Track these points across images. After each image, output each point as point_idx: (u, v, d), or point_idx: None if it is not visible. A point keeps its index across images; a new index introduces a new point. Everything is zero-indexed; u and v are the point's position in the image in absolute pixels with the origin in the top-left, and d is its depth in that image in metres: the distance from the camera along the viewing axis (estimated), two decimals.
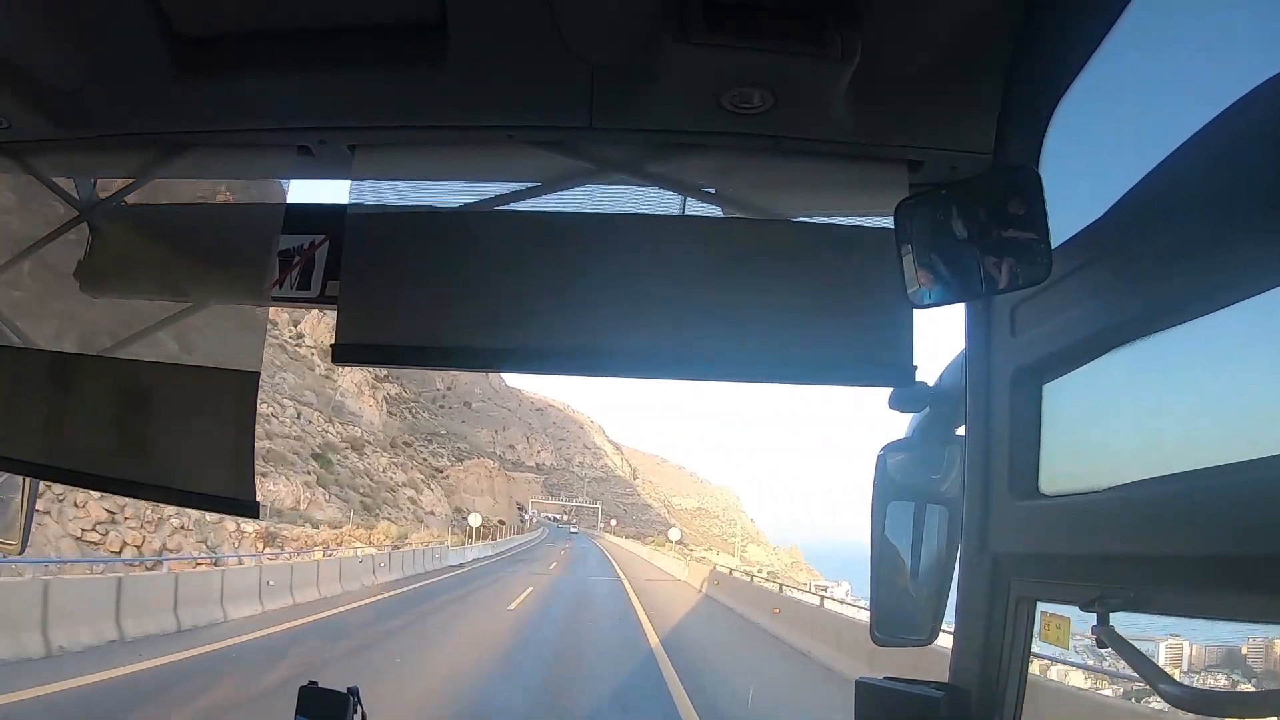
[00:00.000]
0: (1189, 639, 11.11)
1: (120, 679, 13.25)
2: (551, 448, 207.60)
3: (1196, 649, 11.67)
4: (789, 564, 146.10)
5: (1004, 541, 1.93)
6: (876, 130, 2.09)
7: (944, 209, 1.74)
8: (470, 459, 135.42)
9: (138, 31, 2.09)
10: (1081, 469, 1.82)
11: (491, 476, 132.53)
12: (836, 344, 2.20)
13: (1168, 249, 1.46)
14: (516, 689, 15.14)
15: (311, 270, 2.51)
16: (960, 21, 1.81)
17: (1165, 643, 11.98)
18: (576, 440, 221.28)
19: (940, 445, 2.32)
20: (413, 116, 2.29)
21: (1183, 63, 1.58)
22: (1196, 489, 1.33)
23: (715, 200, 2.44)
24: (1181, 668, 11.68)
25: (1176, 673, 10.20)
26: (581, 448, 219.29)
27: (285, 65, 2.15)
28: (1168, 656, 12.38)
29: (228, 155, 2.60)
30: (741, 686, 16.21)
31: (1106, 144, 1.84)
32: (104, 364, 2.74)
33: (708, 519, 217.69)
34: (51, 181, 2.79)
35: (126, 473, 2.58)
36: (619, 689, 16.16)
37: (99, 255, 2.87)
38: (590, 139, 2.29)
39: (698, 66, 1.85)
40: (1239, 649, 10.84)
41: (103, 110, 2.40)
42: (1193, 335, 1.42)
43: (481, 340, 2.32)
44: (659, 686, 16.29)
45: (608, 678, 17.17)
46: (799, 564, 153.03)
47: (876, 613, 2.47)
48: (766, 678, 18.23)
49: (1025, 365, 1.87)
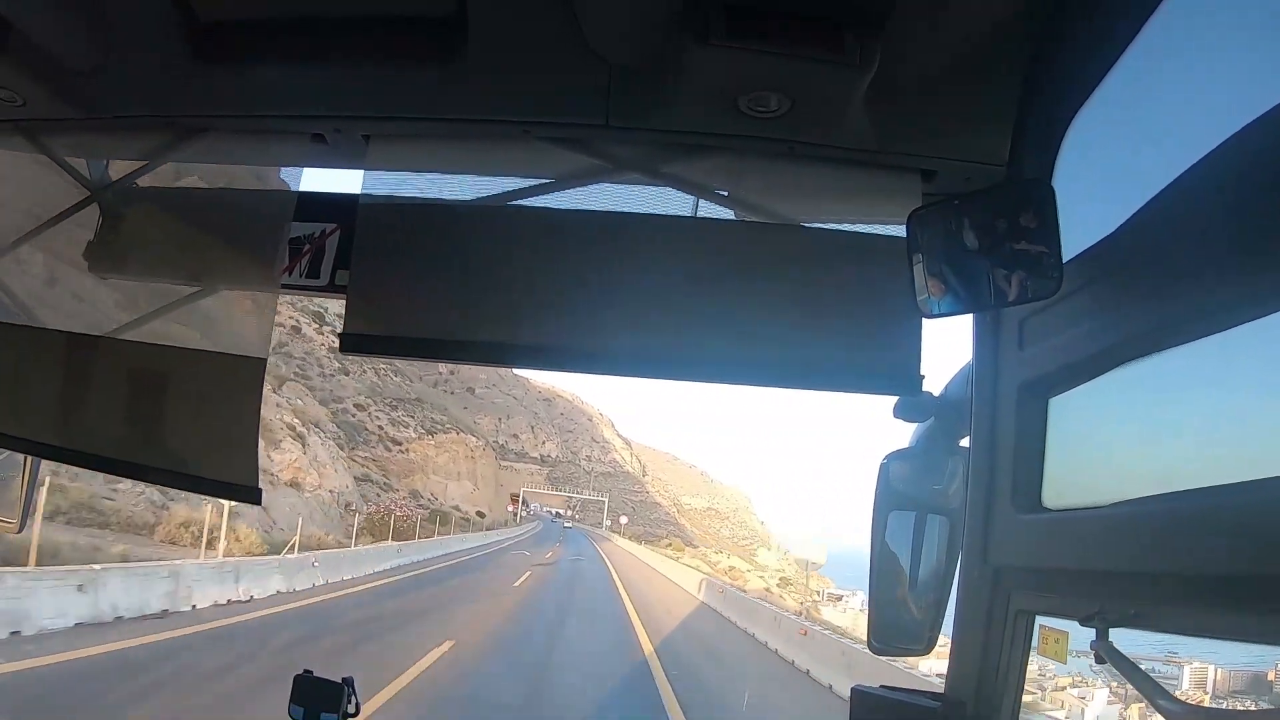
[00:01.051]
0: (1214, 662, 10.96)
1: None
2: (558, 439, 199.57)
3: (1222, 673, 11.58)
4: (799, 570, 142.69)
5: (1005, 554, 1.93)
6: (892, 138, 2.09)
7: (956, 219, 1.74)
8: (445, 433, 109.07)
9: (156, 15, 2.10)
10: (1085, 484, 1.82)
11: (474, 458, 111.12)
12: (844, 350, 2.20)
13: (1178, 267, 1.46)
14: None
15: (321, 258, 2.51)
16: (978, 33, 1.81)
17: (1190, 665, 11.85)
18: (585, 433, 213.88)
19: (944, 455, 2.33)
20: (429, 109, 2.29)
21: (1199, 78, 1.58)
22: (1201, 507, 1.32)
23: (728, 203, 2.44)
24: (1207, 691, 11.55)
25: (1205, 698, 10.05)
26: (589, 440, 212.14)
27: (302, 53, 2.16)
28: (1192, 680, 12.27)
29: (241, 141, 2.60)
30: None
31: (1121, 159, 1.84)
32: (111, 345, 2.74)
33: (718, 519, 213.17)
34: (64, 161, 2.80)
35: (129, 455, 2.59)
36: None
37: (108, 236, 2.87)
38: (606, 137, 2.29)
39: (716, 69, 1.85)
40: (1265, 675, 10.78)
41: (117, 92, 2.40)
42: (1200, 354, 1.42)
43: (490, 335, 2.32)
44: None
45: None
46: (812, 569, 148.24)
47: (874, 621, 2.47)
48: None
49: (1032, 378, 1.87)
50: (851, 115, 1.95)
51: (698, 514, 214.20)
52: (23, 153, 2.72)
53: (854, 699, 2.23)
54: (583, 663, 19.99)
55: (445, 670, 16.26)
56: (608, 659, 21.32)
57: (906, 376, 2.18)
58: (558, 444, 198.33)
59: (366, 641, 17.54)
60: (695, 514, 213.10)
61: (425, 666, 16.05)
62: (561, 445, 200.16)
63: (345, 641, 17.21)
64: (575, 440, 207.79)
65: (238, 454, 2.41)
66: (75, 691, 11.31)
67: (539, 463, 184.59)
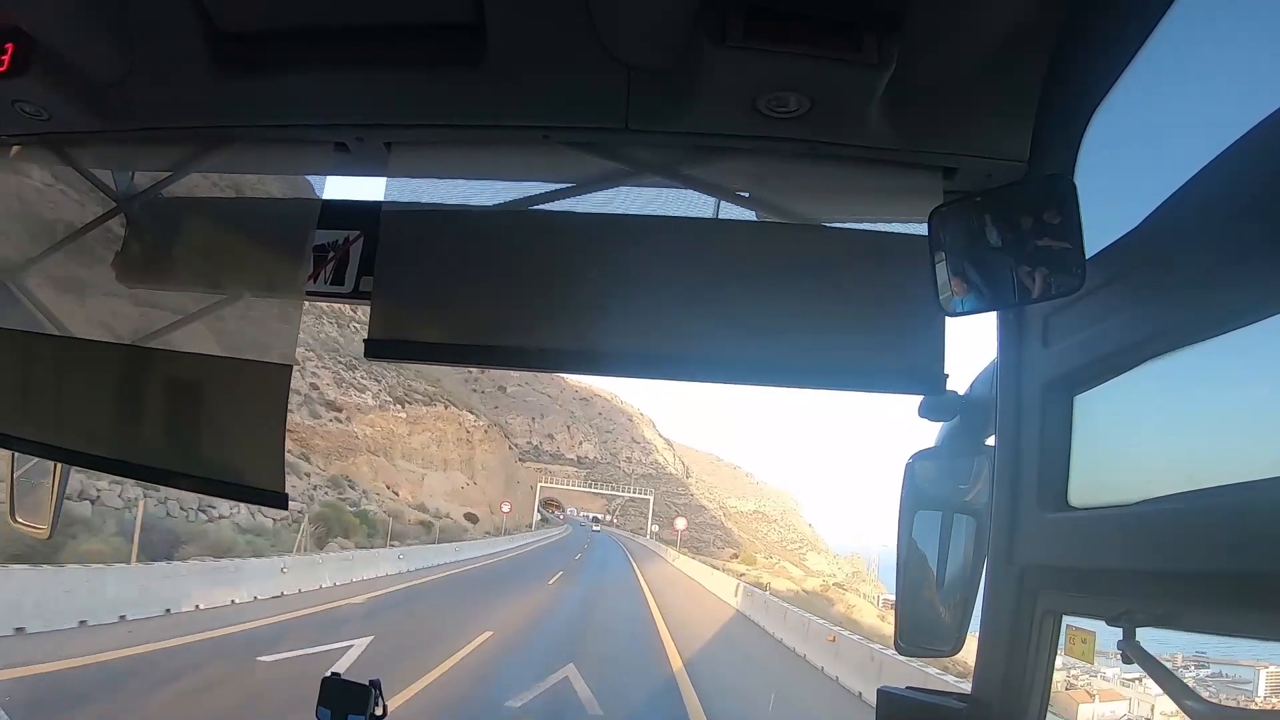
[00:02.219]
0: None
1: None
2: (595, 439, 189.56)
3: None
4: (850, 574, 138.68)
5: (1031, 553, 1.92)
6: (911, 136, 2.08)
7: (978, 217, 1.74)
8: (429, 405, 79.87)
9: (179, 27, 2.13)
10: (1111, 482, 1.81)
11: (469, 442, 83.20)
12: (867, 350, 2.19)
13: (1203, 261, 1.45)
14: None
15: (345, 266, 2.54)
16: (997, 29, 1.80)
17: (1266, 669, 11.60)
18: (624, 433, 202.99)
19: (969, 455, 2.31)
20: (450, 115, 2.31)
21: (1220, 71, 1.57)
22: (1229, 504, 1.31)
23: (749, 204, 2.44)
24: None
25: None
26: (629, 441, 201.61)
27: (324, 63, 2.18)
28: (1268, 686, 12.04)
29: (265, 151, 2.63)
30: None
31: (1142, 153, 1.83)
32: (139, 353, 2.77)
33: (765, 523, 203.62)
34: (89, 173, 2.84)
35: (157, 460, 2.62)
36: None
37: (135, 246, 2.91)
38: (626, 140, 2.30)
39: (735, 70, 1.85)
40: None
41: (142, 104, 2.43)
42: (1226, 349, 1.41)
43: (513, 339, 2.34)
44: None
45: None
46: (861, 574, 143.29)
47: (901, 621, 2.46)
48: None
49: (1057, 376, 1.86)
50: (871, 114, 1.95)
51: (744, 517, 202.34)
52: (49, 166, 2.76)
53: (880, 700, 2.23)
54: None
55: None
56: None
57: (930, 376, 2.17)
58: (595, 445, 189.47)
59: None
60: (742, 517, 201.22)
61: None
62: (600, 446, 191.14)
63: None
64: (615, 441, 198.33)
65: (265, 459, 2.44)
66: None
67: (576, 464, 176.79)
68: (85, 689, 11.62)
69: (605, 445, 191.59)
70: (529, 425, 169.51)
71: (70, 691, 11.40)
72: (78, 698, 11.12)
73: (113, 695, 11.66)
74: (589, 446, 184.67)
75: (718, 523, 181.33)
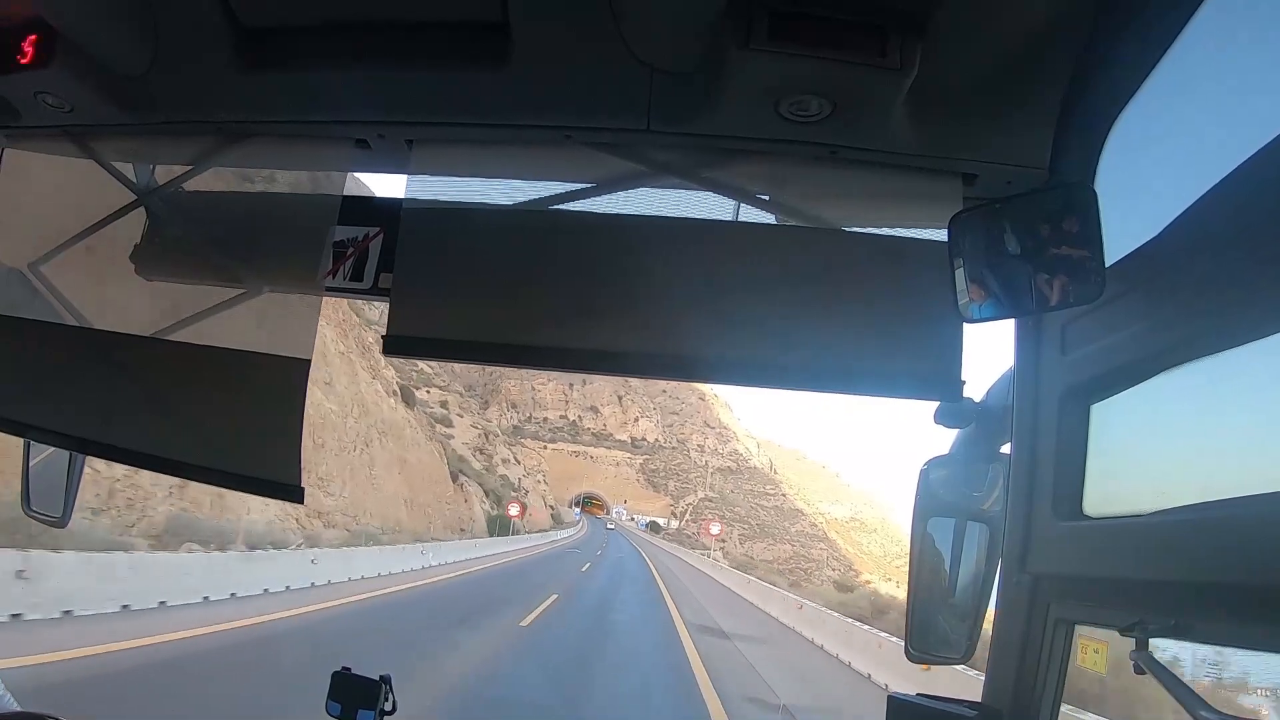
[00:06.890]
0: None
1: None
2: (656, 418, 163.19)
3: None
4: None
5: (1045, 562, 1.91)
6: (932, 142, 2.08)
7: (998, 223, 1.74)
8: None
9: (202, 21, 2.14)
10: (1127, 492, 1.80)
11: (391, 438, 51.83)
12: (885, 355, 2.19)
13: (1223, 270, 1.44)
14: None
15: (365, 262, 2.54)
16: (1020, 36, 1.80)
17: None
18: (695, 415, 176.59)
19: (984, 462, 2.31)
20: (472, 114, 2.31)
21: (1243, 79, 1.56)
22: (1246, 516, 1.31)
23: (769, 207, 2.44)
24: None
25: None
26: (702, 425, 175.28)
27: (346, 59, 2.19)
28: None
29: (286, 146, 2.64)
30: None
31: (1163, 162, 1.83)
32: (157, 345, 2.78)
33: (863, 532, 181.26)
34: (111, 166, 2.86)
35: (174, 452, 2.63)
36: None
37: (155, 240, 2.93)
38: (646, 142, 2.30)
39: (757, 73, 1.85)
40: None
41: (164, 98, 2.45)
42: (1245, 359, 1.41)
43: (532, 338, 2.34)
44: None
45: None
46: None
47: (912, 628, 2.45)
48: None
49: (1074, 384, 1.86)
50: (893, 119, 1.95)
51: (841, 525, 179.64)
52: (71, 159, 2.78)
53: (890, 707, 2.22)
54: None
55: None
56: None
57: (947, 382, 2.17)
58: (656, 424, 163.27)
59: None
60: (839, 526, 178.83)
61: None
62: (662, 428, 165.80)
63: None
64: (683, 425, 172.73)
65: (282, 452, 2.45)
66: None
67: (630, 449, 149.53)
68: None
69: (671, 429, 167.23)
70: (564, 395, 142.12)
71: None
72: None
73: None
74: (647, 425, 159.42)
75: (820, 533, 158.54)
